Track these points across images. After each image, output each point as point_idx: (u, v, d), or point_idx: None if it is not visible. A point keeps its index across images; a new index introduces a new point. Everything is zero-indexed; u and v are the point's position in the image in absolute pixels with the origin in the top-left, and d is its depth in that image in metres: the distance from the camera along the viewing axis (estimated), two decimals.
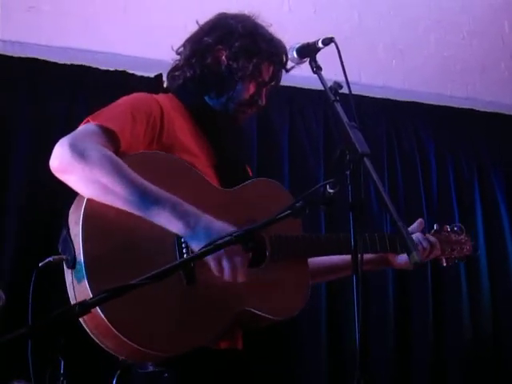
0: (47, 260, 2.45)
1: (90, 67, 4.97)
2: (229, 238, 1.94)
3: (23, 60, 4.83)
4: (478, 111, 6.31)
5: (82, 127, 2.48)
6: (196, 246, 2.24)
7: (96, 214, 2.33)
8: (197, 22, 2.93)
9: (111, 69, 5.03)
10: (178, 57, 2.94)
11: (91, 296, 2.18)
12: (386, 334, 5.44)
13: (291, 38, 2.75)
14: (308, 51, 2.50)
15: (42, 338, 1.59)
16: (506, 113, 6.42)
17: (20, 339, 1.55)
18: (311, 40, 2.52)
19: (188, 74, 2.84)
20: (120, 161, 2.34)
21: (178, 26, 2.85)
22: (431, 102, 6.13)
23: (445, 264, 3.26)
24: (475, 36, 6.29)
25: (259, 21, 2.94)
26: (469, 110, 6.27)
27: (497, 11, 6.33)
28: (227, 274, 2.30)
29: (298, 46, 2.56)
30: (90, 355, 3.91)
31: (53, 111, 4.81)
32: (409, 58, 6.04)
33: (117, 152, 2.41)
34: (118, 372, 2.46)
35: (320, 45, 2.45)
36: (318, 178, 5.34)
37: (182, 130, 2.66)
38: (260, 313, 2.52)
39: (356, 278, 2.02)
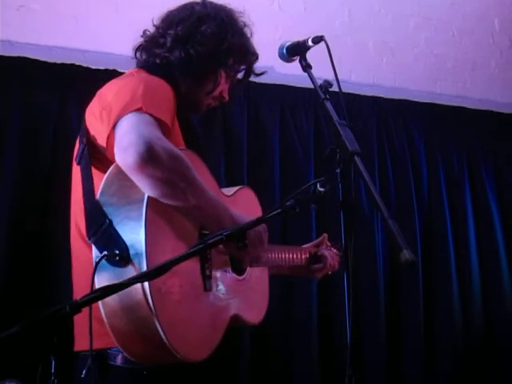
0: (103, 254, 2.29)
1: (80, 66, 4.96)
2: (220, 236, 1.94)
3: (13, 59, 4.81)
4: (469, 109, 6.32)
5: (142, 117, 2.26)
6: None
7: (158, 212, 2.24)
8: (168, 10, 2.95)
9: (102, 68, 5.02)
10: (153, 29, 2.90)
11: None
12: (377, 330, 5.45)
13: (281, 36, 2.76)
14: (298, 49, 2.49)
15: (33, 337, 1.58)
16: (497, 110, 6.43)
17: (11, 338, 1.55)
18: (301, 38, 2.52)
19: (171, 57, 2.74)
20: (186, 160, 2.25)
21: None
22: (421, 100, 6.13)
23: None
24: (465, 34, 6.31)
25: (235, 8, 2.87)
26: (459, 107, 6.28)
27: (487, 9, 6.36)
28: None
29: (287, 44, 2.55)
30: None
31: (43, 110, 4.80)
32: (399, 56, 6.06)
33: None
34: (89, 361, 2.37)
35: (310, 43, 2.44)
36: (309, 177, 5.34)
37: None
38: (245, 318, 2.61)
39: (347, 276, 2.02)
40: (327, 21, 5.63)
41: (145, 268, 2.11)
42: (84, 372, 2.37)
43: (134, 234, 2.18)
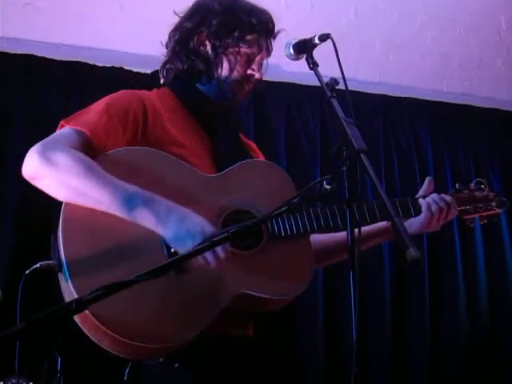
0: (34, 267, 2.45)
1: (86, 63, 4.98)
2: (225, 234, 1.93)
3: (19, 56, 4.82)
4: (475, 107, 6.31)
5: (55, 133, 2.49)
6: (169, 240, 2.29)
7: (75, 215, 2.34)
8: (174, 13, 2.88)
9: (108, 65, 5.02)
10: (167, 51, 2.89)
11: (76, 296, 2.17)
12: (382, 328, 5.45)
13: (288, 34, 2.74)
14: (304, 47, 2.48)
15: (38, 334, 1.58)
16: (503, 108, 6.42)
17: (16, 336, 1.55)
18: (308, 36, 2.51)
19: (179, 66, 2.78)
20: (89, 161, 2.35)
21: (175, 21, 2.82)
22: (428, 98, 6.13)
23: (472, 225, 3.05)
24: (472, 32, 6.29)
25: None
26: (465, 105, 6.27)
27: (493, 6, 6.34)
28: (213, 264, 2.30)
29: (294, 42, 2.54)
30: (87, 351, 3.93)
31: (49, 108, 4.81)
32: (405, 54, 6.05)
33: (92, 153, 2.41)
34: (130, 363, 2.44)
35: (316, 41, 2.43)
36: (315, 174, 5.35)
37: (172, 122, 2.63)
38: (257, 293, 2.45)
39: (352, 274, 2.01)
40: (333, 19, 5.63)
41: (67, 272, 2.25)
42: (126, 373, 2.43)
43: (58, 240, 2.32)
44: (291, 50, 2.54)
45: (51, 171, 2.33)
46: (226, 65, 2.73)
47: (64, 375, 3.36)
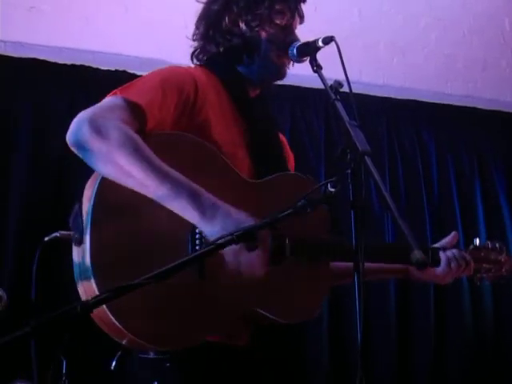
0: (53, 235, 2.37)
1: (90, 67, 4.99)
2: (230, 237, 1.93)
3: (23, 60, 4.83)
4: (479, 109, 6.31)
5: (107, 99, 2.39)
6: (211, 237, 2.16)
7: (110, 195, 2.25)
8: (197, 1, 2.83)
9: (112, 69, 5.03)
10: (196, 43, 2.83)
11: (97, 293, 2.12)
12: (387, 333, 5.45)
13: None
14: (308, 50, 2.49)
15: (44, 337, 1.58)
16: (507, 111, 6.41)
17: (22, 339, 1.55)
18: (311, 38, 2.52)
19: (214, 49, 2.75)
20: (140, 141, 2.26)
21: (179, 24, 2.84)
22: (432, 100, 6.13)
23: (478, 283, 3.10)
24: (476, 33, 6.29)
25: None
26: (470, 108, 6.27)
27: (497, 8, 6.33)
28: (244, 270, 2.25)
29: (298, 44, 2.56)
30: (93, 354, 3.93)
31: (53, 111, 4.82)
32: (409, 56, 6.05)
33: (143, 128, 2.34)
34: (119, 353, 2.41)
35: (320, 44, 2.44)
36: (319, 177, 5.35)
37: (213, 106, 2.58)
38: (269, 315, 2.44)
39: (357, 278, 2.01)
40: (337, 21, 5.62)
41: (90, 267, 2.16)
42: (113, 363, 2.39)
43: (87, 216, 2.23)
44: (295, 53, 2.55)
45: (101, 144, 2.21)
46: (264, 37, 2.70)
47: (69, 378, 3.36)
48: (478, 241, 3.09)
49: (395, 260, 2.82)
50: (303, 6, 2.82)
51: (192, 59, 2.83)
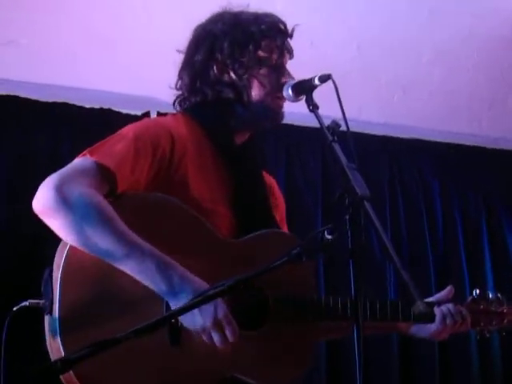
0: (23, 304, 2.43)
1: (73, 105, 4.99)
2: (221, 287, 1.93)
3: (3, 98, 4.84)
4: (486, 148, 6.32)
5: (75, 162, 2.45)
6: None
7: (80, 262, 2.32)
8: (178, 51, 2.89)
9: (96, 106, 5.04)
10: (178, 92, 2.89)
11: (63, 354, 2.18)
12: (388, 380, 5.43)
13: None
14: (304, 88, 2.52)
15: None
16: None
17: None
18: (307, 76, 2.53)
19: (199, 99, 2.79)
20: (107, 209, 2.32)
21: (167, 60, 2.83)
22: (435, 140, 6.14)
23: (478, 337, 3.09)
24: (481, 69, 6.31)
25: (235, 7, 2.86)
26: (475, 147, 6.29)
27: (503, 41, 6.36)
28: (219, 345, 2.30)
29: (292, 83, 2.60)
30: None
31: (36, 151, 4.83)
32: (411, 93, 6.05)
33: (113, 192, 2.39)
34: None
35: (316, 82, 2.46)
36: (316, 222, 5.35)
37: (193, 160, 2.62)
38: (250, 381, 2.45)
39: (357, 330, 2.01)
40: (334, 56, 5.64)
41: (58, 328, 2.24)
42: None
43: (56, 283, 2.31)
44: (290, 92, 2.58)
45: (66, 213, 2.29)
46: (255, 83, 2.75)
47: None
48: (477, 291, 3.07)
49: (393, 319, 2.67)
50: (298, 41, 2.85)
51: (174, 105, 2.88)
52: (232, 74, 2.75)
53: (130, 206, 2.41)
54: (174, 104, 2.89)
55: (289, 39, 2.86)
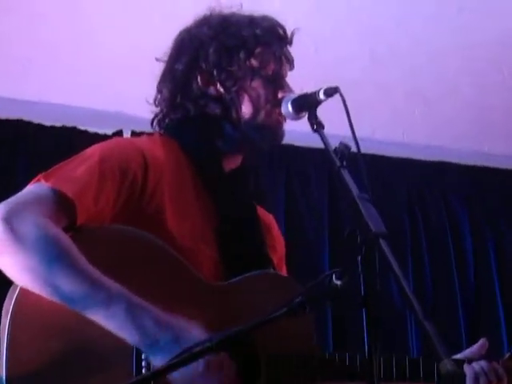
0: None
1: (30, 123, 4.99)
2: (208, 344, 1.93)
3: None
4: None
5: (27, 189, 2.41)
6: (156, 363, 2.21)
7: (33, 306, 2.29)
8: (157, 59, 2.88)
9: (57, 124, 5.04)
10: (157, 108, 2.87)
11: None
12: None
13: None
14: (306, 104, 2.49)
15: None
16: None
17: None
18: (310, 88, 2.52)
19: (180, 116, 2.78)
20: (66, 243, 2.29)
21: (144, 70, 2.82)
22: (464, 162, 6.16)
23: None
24: None
25: (226, 8, 2.86)
26: (511, 170, 6.31)
27: None
28: None
29: (293, 97, 2.57)
30: None
31: None
32: (435, 107, 6.06)
33: (73, 224, 2.35)
34: None
35: (321, 96, 2.42)
36: (322, 264, 5.33)
37: (171, 188, 2.59)
38: None
39: None
40: (343, 64, 5.64)
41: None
42: None
43: (2, 331, 2.27)
44: (289, 108, 2.55)
45: (16, 248, 2.25)
46: (246, 98, 2.74)
47: None
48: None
49: (413, 379, 2.70)
50: (299, 48, 2.85)
51: (152, 125, 2.87)
52: (219, 87, 2.75)
53: (94, 242, 2.38)
54: (152, 122, 2.88)
55: (288, 46, 2.87)
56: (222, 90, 2.74)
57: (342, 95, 2.37)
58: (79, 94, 5.07)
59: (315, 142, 2.48)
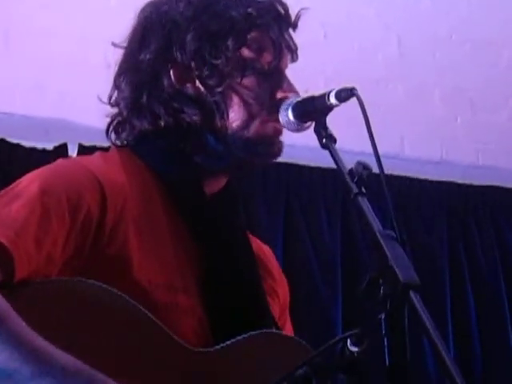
0: None
1: None
2: None
3: None
4: None
5: None
6: None
7: None
8: (113, 44, 2.80)
9: None
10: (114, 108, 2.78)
11: None
12: None
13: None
14: (312, 111, 2.47)
15: None
16: None
17: None
18: (317, 88, 2.50)
19: (148, 125, 2.70)
20: (2, 304, 2.23)
21: (95, 63, 2.82)
22: None
23: None
24: None
25: None
26: None
27: None
28: None
29: (295, 101, 2.54)
30: None
31: None
32: (484, 113, 6.08)
33: (9, 279, 2.29)
34: None
35: (332, 100, 2.38)
36: (332, 320, 5.33)
37: (137, 225, 2.55)
38: None
39: None
40: (363, 54, 5.65)
41: None
42: None
43: None
44: (290, 115, 2.53)
45: None
46: (235, 101, 2.69)
47: None
48: None
49: None
50: (305, 33, 2.83)
51: (108, 135, 2.82)
52: (199, 85, 2.70)
53: (38, 302, 2.35)
54: (106, 131, 2.82)
55: (291, 30, 2.82)
56: (202, 89, 2.69)
57: (359, 99, 2.34)
58: (8, 96, 5.09)
59: (324, 160, 2.47)
